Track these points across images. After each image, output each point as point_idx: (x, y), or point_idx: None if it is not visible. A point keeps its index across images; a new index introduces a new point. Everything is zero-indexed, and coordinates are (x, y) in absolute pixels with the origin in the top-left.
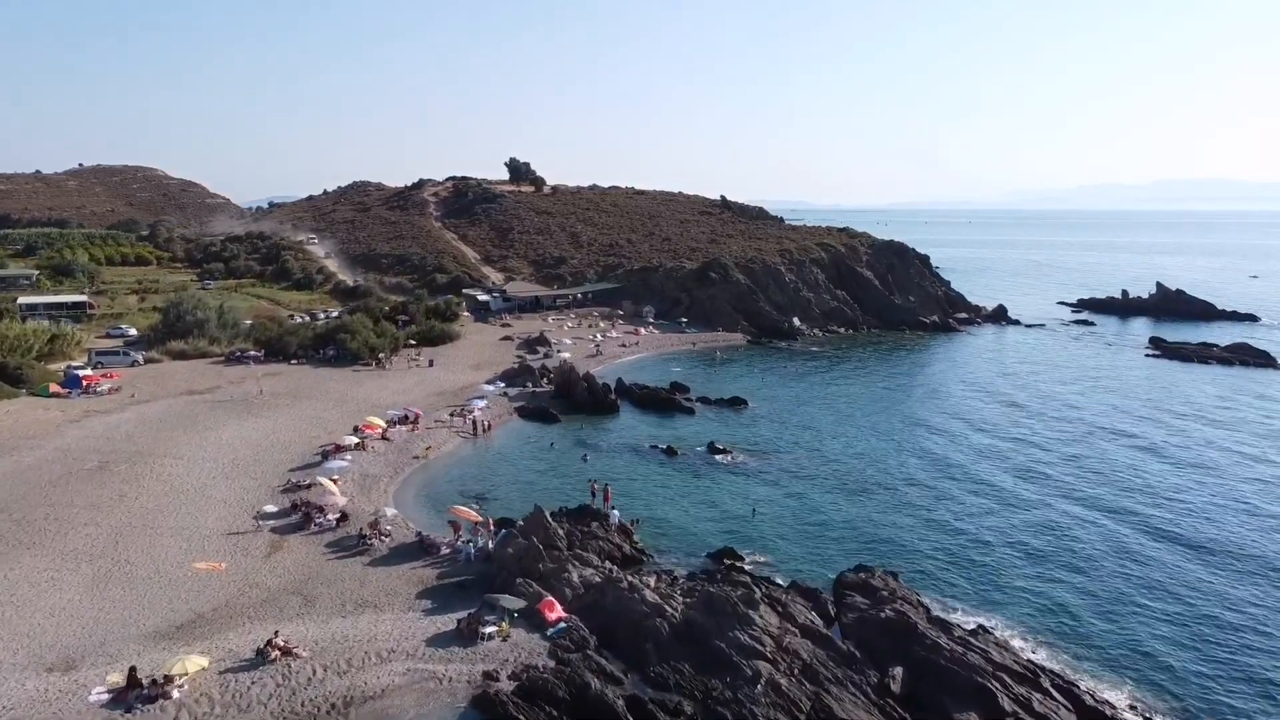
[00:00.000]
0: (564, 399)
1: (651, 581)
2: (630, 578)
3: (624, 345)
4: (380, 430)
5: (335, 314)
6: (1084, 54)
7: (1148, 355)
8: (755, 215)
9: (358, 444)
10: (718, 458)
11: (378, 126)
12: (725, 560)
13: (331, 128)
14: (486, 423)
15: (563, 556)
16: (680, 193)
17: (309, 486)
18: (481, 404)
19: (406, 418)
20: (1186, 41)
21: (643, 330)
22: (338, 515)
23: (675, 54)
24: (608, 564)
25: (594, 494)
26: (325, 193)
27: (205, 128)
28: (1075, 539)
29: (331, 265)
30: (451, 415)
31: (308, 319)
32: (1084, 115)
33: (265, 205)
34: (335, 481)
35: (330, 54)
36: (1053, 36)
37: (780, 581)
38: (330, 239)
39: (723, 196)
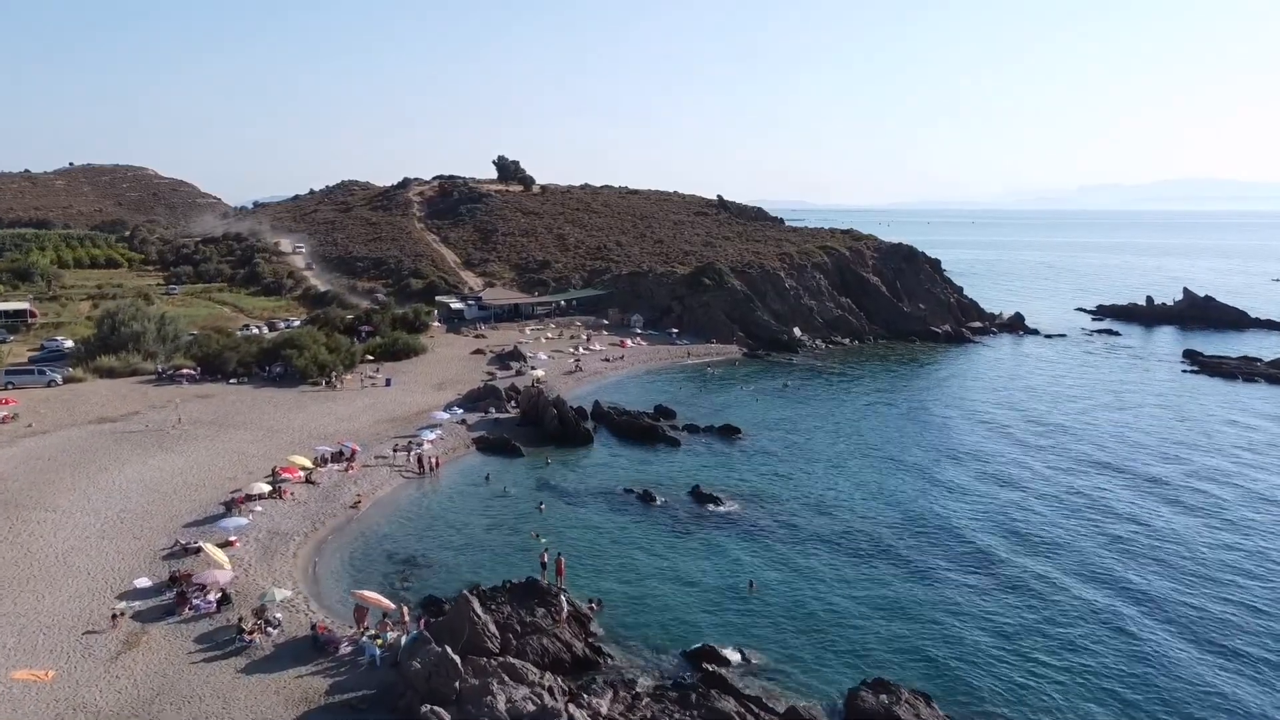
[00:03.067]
0: (531, 427)
1: (604, 705)
2: (572, 709)
3: (607, 360)
4: (304, 473)
5: (297, 323)
6: (1084, 55)
7: (1185, 371)
8: (753, 216)
9: (271, 492)
10: (704, 507)
11: (377, 126)
12: (705, 664)
13: (329, 127)
14: (434, 460)
15: (489, 668)
16: (675, 192)
17: (198, 551)
18: (432, 435)
19: (342, 454)
20: (1187, 42)
21: (629, 342)
22: (219, 595)
23: (675, 54)
24: (548, 677)
25: (544, 565)
26: (311, 192)
27: (201, 127)
28: (1161, 638)
29: (305, 269)
30: (395, 450)
31: (263, 329)
32: (1084, 116)
33: (249, 206)
34: (233, 543)
35: (327, 53)
36: (1055, 37)
37: (775, 705)
38: (308, 241)
39: (719, 196)
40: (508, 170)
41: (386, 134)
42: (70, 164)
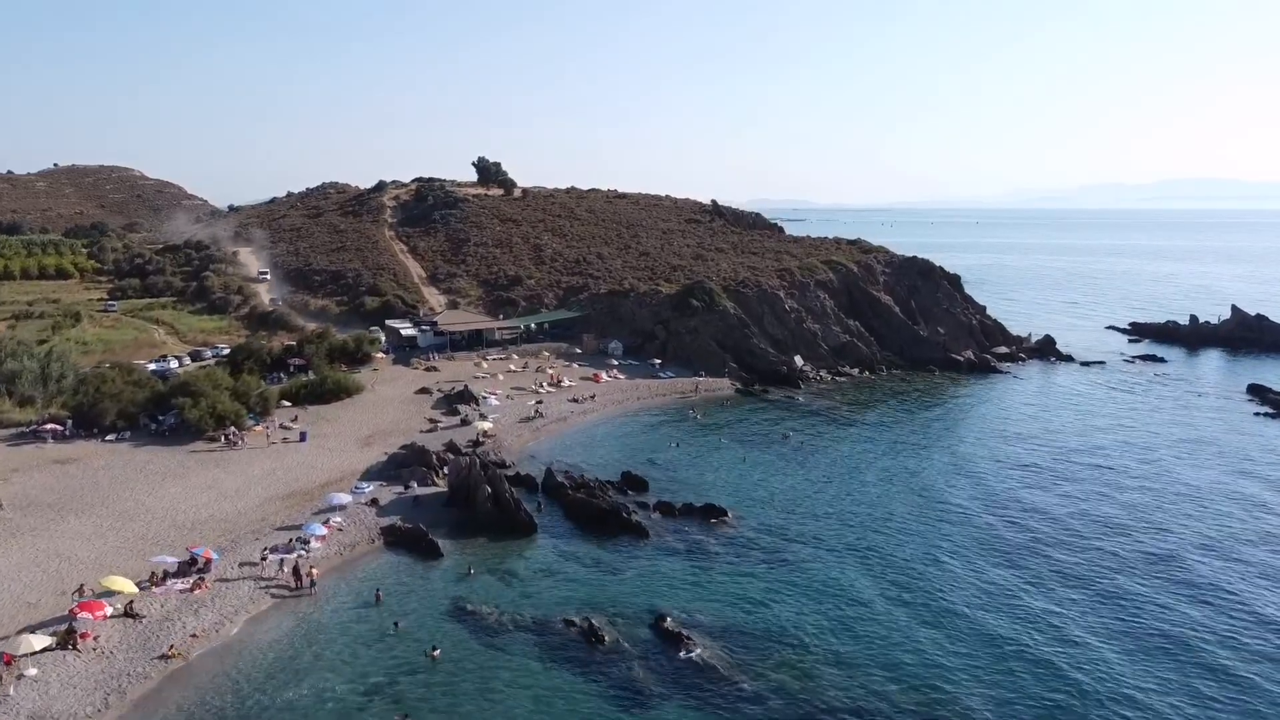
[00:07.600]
0: (460, 508)
1: None
2: None
3: (576, 400)
4: (123, 602)
5: (227, 351)
6: (1086, 55)
7: (1257, 414)
8: (751, 224)
9: (58, 643)
10: (670, 653)
11: (375, 126)
12: None
13: (326, 127)
14: (310, 573)
15: None
16: (667, 196)
17: None
18: (322, 531)
19: (194, 563)
20: (1187, 40)
21: (604, 375)
22: None
23: (676, 53)
24: None
25: None
26: (289, 194)
27: (197, 127)
28: None
29: (261, 285)
30: (265, 557)
31: (183, 361)
32: (1085, 116)
33: (224, 210)
34: None
35: (328, 51)
36: (1056, 38)
37: None
38: (270, 249)
39: (714, 201)
40: (488, 172)
41: (383, 134)
42: (54, 165)
